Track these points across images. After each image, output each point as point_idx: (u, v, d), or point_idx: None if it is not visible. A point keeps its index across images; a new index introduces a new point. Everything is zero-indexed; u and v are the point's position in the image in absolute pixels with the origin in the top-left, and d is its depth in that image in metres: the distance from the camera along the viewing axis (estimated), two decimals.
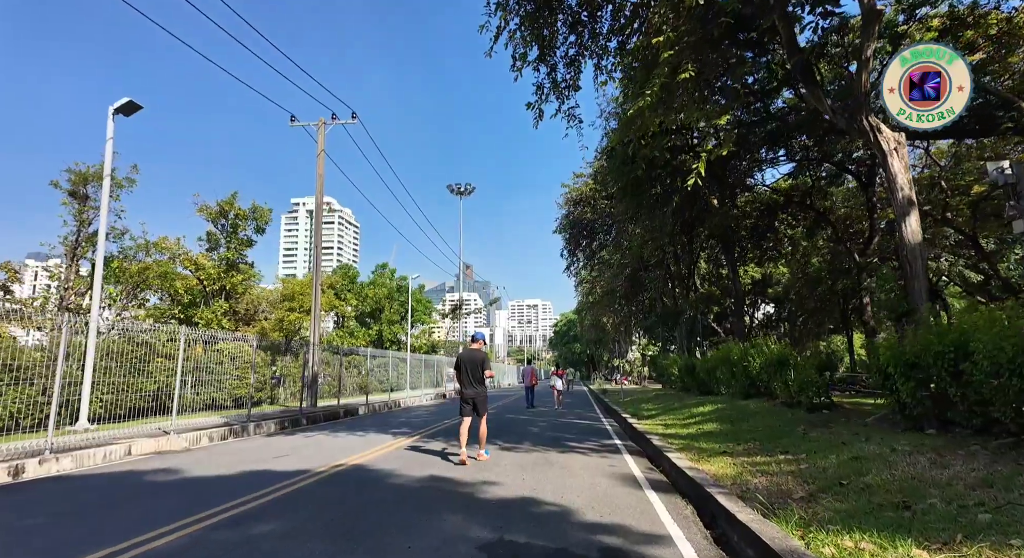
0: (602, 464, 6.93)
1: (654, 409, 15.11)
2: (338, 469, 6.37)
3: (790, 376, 10.24)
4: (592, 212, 23.92)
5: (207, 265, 17.91)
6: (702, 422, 10.56)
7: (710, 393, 16.67)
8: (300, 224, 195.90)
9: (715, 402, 12.82)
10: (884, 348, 6.46)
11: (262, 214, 19.30)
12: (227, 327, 18.42)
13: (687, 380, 18.10)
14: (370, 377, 25.18)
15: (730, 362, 12.71)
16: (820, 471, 5.57)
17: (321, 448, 8.39)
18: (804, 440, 7.48)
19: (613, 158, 16.01)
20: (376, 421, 13.51)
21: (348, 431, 11.00)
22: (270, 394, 19.22)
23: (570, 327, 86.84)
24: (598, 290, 34.35)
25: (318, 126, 18.32)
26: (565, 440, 9.44)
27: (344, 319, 31.28)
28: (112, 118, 11.65)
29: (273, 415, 13.15)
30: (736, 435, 8.57)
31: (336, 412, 15.38)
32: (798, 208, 22.95)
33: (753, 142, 18.55)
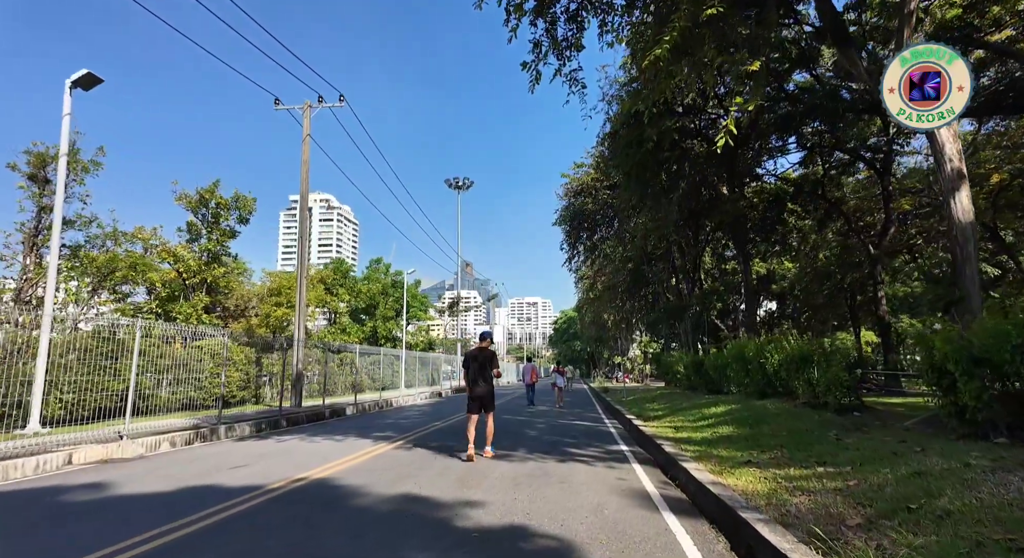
0: (608, 477, 5.95)
1: (660, 409, 14.14)
2: (296, 485, 5.39)
3: (813, 374, 9.26)
4: (593, 203, 22.90)
5: (187, 257, 16.90)
6: (716, 425, 9.58)
7: (719, 392, 15.70)
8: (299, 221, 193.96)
9: (727, 402, 11.84)
10: (942, 341, 5.47)
11: (245, 204, 18.27)
12: (207, 322, 17.44)
13: (694, 378, 17.13)
14: (361, 375, 24.22)
15: (744, 359, 11.74)
16: (875, 490, 4.59)
17: (289, 456, 7.42)
18: (840, 448, 6.50)
19: (617, 142, 15.01)
20: (362, 423, 12.54)
21: (327, 435, 10.02)
22: (255, 393, 18.25)
23: (570, 324, 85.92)
24: (599, 286, 33.37)
25: (303, 109, 17.30)
26: (565, 445, 8.46)
27: (336, 315, 30.27)
28: (69, 92, 10.63)
29: (249, 417, 12.18)
30: (758, 441, 7.59)
31: (321, 413, 14.41)
32: (809, 198, 21.96)
33: (763, 128, 17.56)
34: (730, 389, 14.65)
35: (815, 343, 9.57)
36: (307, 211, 16.66)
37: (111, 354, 12.36)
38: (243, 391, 17.91)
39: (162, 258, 16.59)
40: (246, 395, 17.90)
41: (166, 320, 16.66)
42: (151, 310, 16.72)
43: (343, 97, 17.52)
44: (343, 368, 24.98)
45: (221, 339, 17.02)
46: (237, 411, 14.28)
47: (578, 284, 46.62)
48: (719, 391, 15.72)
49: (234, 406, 16.98)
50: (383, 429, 10.80)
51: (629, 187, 14.54)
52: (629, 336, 42.84)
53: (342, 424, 12.40)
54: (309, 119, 17.24)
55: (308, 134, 17.11)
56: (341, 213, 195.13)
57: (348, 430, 10.78)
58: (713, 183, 15.88)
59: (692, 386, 18.41)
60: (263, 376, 19.81)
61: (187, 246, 17.39)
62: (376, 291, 30.85)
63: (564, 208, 24.44)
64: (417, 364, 29.71)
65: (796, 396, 10.40)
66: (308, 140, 17.08)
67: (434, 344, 43.54)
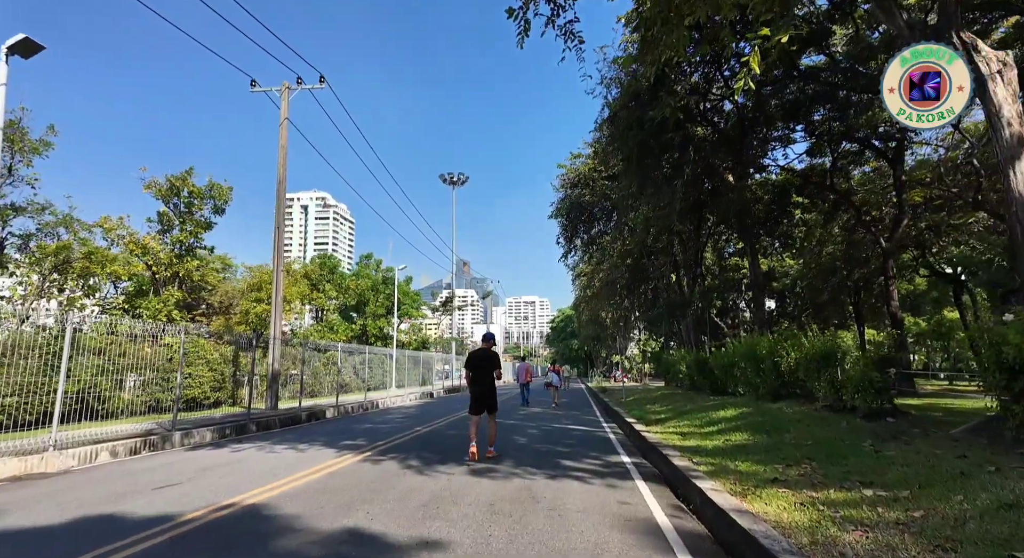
0: (608, 500, 4.90)
1: (663, 412, 13.13)
2: (217, 515, 4.32)
3: (837, 374, 8.24)
4: (591, 194, 21.83)
5: (156, 248, 15.78)
6: (728, 431, 8.55)
7: (724, 393, 14.70)
8: (295, 219, 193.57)
9: (737, 404, 10.82)
10: (1017, 333, 4.44)
11: (220, 192, 17.13)
12: (178, 319, 16.32)
13: (697, 378, 16.12)
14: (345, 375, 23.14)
15: (755, 357, 10.72)
16: (952, 526, 3.56)
17: (233, 471, 6.35)
18: (882, 462, 5.48)
19: (616, 124, 13.96)
20: (338, 427, 11.46)
21: (292, 442, 8.96)
22: (231, 394, 17.15)
23: (567, 323, 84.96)
24: (596, 283, 32.37)
25: (281, 91, 16.19)
26: (558, 456, 7.42)
27: (323, 313, 29.12)
28: (5, 60, 9.50)
29: (214, 421, 11.10)
30: (780, 451, 6.57)
31: (297, 416, 13.33)
32: (816, 190, 20.97)
33: (771, 112, 16.54)
34: (737, 390, 13.65)
35: (838, 338, 8.55)
36: (283, 198, 15.56)
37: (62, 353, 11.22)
38: (217, 392, 16.81)
39: (129, 250, 15.46)
40: (221, 396, 16.80)
41: (133, 317, 15.54)
42: (118, 306, 15.60)
43: (323, 78, 16.43)
44: (329, 368, 23.90)
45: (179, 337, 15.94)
46: (205, 415, 13.19)
47: (575, 282, 45.62)
48: (724, 392, 14.72)
49: (207, 408, 15.88)
50: (357, 435, 9.73)
51: (629, 173, 13.50)
52: (627, 334, 41.84)
53: (316, 429, 11.33)
54: (287, 102, 16.13)
55: (286, 117, 16.02)
56: (337, 211, 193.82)
57: (318, 436, 9.70)
58: (719, 170, 14.84)
59: (695, 386, 17.41)
60: (242, 376, 18.73)
61: (157, 237, 16.26)
62: (365, 287, 29.68)
63: (561, 200, 23.38)
64: (408, 363, 28.63)
65: (815, 398, 9.38)
66: (286, 124, 15.98)
67: (428, 343, 42.49)
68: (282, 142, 15.89)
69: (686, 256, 21.50)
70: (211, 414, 13.60)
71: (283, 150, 15.88)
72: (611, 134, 14.85)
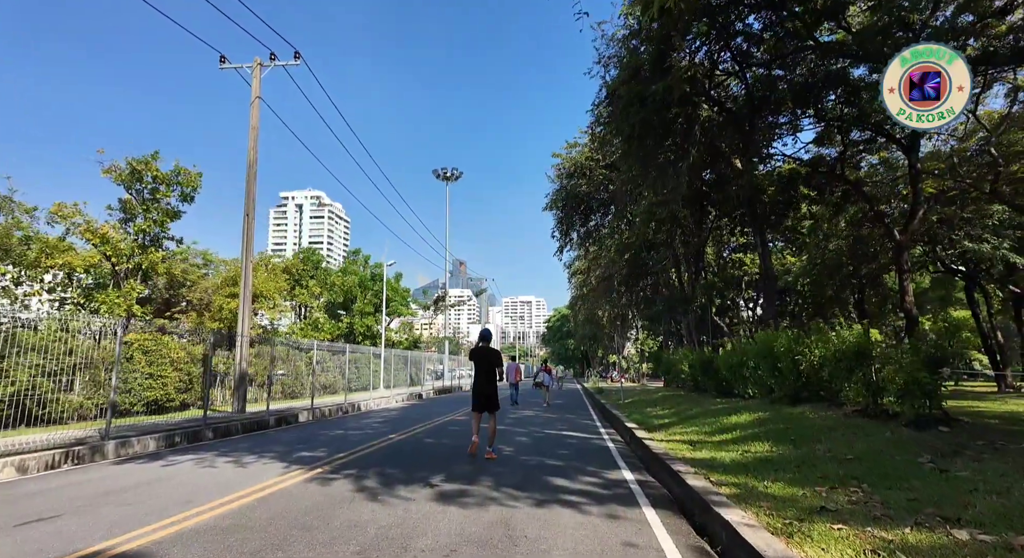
0: (610, 541, 3.72)
1: (666, 416, 11.97)
2: None
3: (872, 374, 7.09)
4: (588, 184, 20.65)
5: (116, 238, 14.49)
6: (745, 439, 7.39)
7: (731, 395, 13.56)
8: (289, 218, 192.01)
9: (750, 408, 9.66)
10: None
11: (189, 179, 15.82)
12: (139, 314, 15.03)
13: (702, 379, 14.98)
14: (331, 375, 21.88)
15: (771, 355, 9.56)
16: None
17: (143, 496, 5.13)
18: (957, 487, 4.32)
19: (616, 103, 12.79)
20: (302, 435, 10.23)
21: (240, 454, 7.74)
22: (201, 396, 15.88)
23: (563, 322, 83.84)
24: (593, 280, 31.22)
25: (253, 68, 14.95)
26: (548, 471, 6.23)
27: (307, 310, 27.77)
28: None
29: (161, 428, 9.85)
30: (815, 467, 5.41)
31: (264, 421, 12.09)
32: (825, 180, 19.87)
33: (781, 94, 15.42)
34: (746, 391, 12.51)
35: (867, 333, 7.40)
36: (253, 183, 14.30)
37: None
38: (184, 394, 15.53)
39: (86, 239, 14.18)
40: (187, 399, 15.53)
41: (91, 312, 14.25)
42: (73, 300, 14.32)
43: (299, 54, 15.19)
44: (311, 368, 22.61)
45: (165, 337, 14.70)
46: (156, 420, 11.94)
47: (571, 280, 44.50)
48: (731, 394, 13.58)
49: (172, 412, 14.62)
50: (320, 444, 8.50)
51: (630, 156, 12.34)
52: (625, 333, 40.71)
53: (279, 436, 10.09)
54: (259, 79, 14.89)
55: (258, 96, 14.77)
56: (332, 210, 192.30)
57: (274, 446, 8.47)
58: (725, 155, 13.70)
59: (699, 387, 16.27)
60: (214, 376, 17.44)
61: (118, 226, 14.96)
62: (352, 284, 28.35)
63: (556, 191, 22.17)
64: (398, 363, 27.42)
65: (840, 402, 8.24)
66: (258, 103, 14.74)
67: (420, 342, 41.28)
68: (253, 122, 14.64)
69: (687, 250, 20.34)
70: (167, 418, 12.34)
71: (254, 131, 14.63)
72: (610, 114, 13.67)
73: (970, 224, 22.02)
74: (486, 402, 7.11)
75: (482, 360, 7.27)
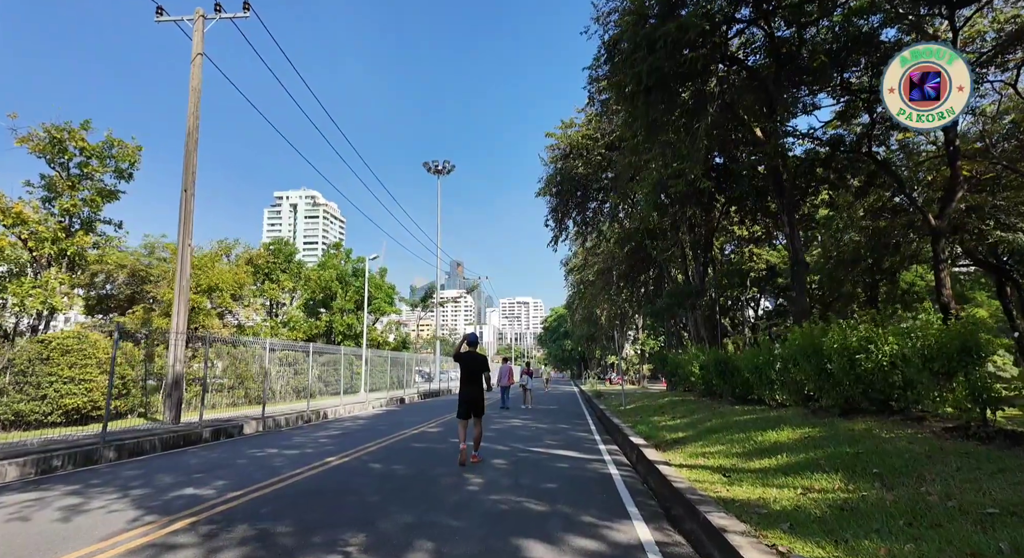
0: None
1: (679, 427, 9.91)
2: None
3: (984, 379, 5.04)
4: (585, 166, 18.58)
5: (33, 219, 12.36)
6: (798, 468, 5.31)
7: (752, 401, 11.54)
8: (283, 218, 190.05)
9: (789, 421, 7.60)
10: None
11: (125, 153, 13.67)
12: (60, 308, 12.91)
13: (717, 382, 12.94)
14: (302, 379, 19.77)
15: (818, 353, 7.50)
16: None
17: None
18: None
19: (620, 51, 10.77)
20: (215, 459, 8.09)
21: (97, 490, 5.64)
22: (142, 402, 13.75)
23: (560, 323, 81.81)
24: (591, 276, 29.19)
25: (194, 20, 12.85)
26: (524, 527, 4.16)
27: (276, 306, 25.53)
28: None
29: (32, 449, 7.71)
30: (938, 527, 3.35)
31: (195, 434, 9.97)
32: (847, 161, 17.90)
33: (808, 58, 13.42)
34: (774, 397, 10.48)
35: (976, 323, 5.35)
36: (194, 153, 12.17)
37: None
38: (119, 400, 13.37)
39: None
40: (120, 406, 13.36)
41: None
42: None
43: (248, 6, 13.09)
44: (284, 370, 20.47)
45: (95, 335, 12.61)
46: (59, 434, 9.78)
47: (568, 277, 42.46)
48: (752, 400, 11.56)
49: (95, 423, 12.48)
50: (223, 476, 6.37)
51: (636, 116, 10.26)
52: (624, 332, 38.65)
53: (186, 460, 7.95)
54: (202, 33, 12.79)
55: (201, 53, 12.67)
56: (327, 210, 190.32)
57: (161, 477, 6.35)
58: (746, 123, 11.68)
59: (711, 391, 14.23)
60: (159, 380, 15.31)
61: (37, 206, 12.83)
62: (330, 279, 26.12)
63: (549, 175, 20.09)
64: (381, 364, 25.30)
65: (920, 416, 6.19)
66: (201, 61, 12.64)
67: (408, 343, 39.15)
68: (194, 83, 12.53)
69: (695, 236, 18.26)
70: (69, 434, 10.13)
71: (195, 93, 12.52)
72: (612, 69, 11.60)
73: (1003, 212, 20.10)
74: (472, 407, 7.06)
75: (468, 365, 7.23)
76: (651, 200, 13.52)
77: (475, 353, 7.40)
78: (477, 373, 7.21)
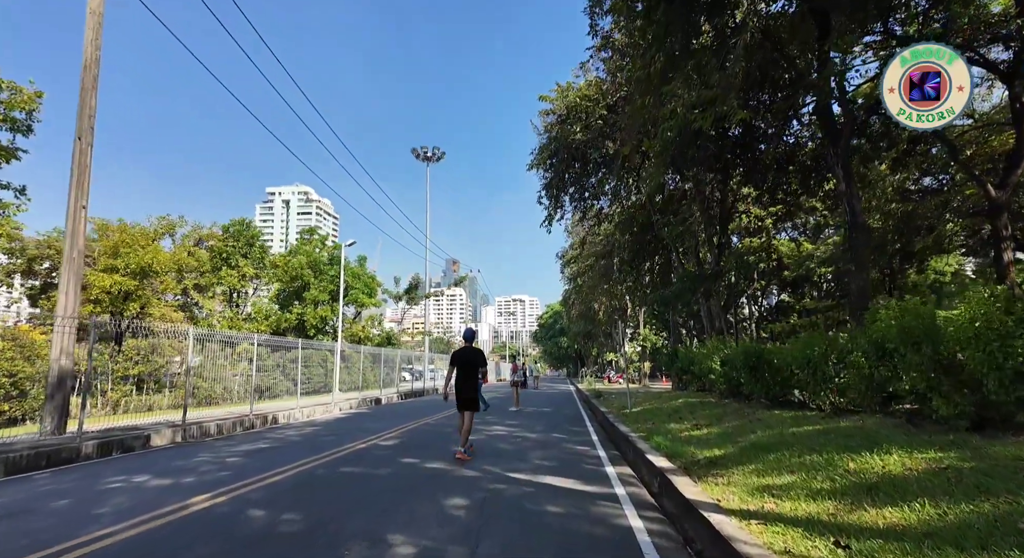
0: None
1: (710, 439, 7.43)
2: None
3: None
4: (584, 131, 16.09)
5: None
6: (968, 530, 2.84)
7: (794, 405, 9.14)
8: (276, 214, 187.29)
9: (891, 439, 5.17)
10: None
11: (20, 99, 11.11)
12: None
13: (746, 380, 10.50)
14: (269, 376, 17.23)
15: (934, 338, 5.07)
16: None
17: None
18: None
19: None
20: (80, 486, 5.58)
21: None
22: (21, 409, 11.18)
23: (556, 319, 79.42)
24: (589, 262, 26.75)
25: None
26: None
27: (237, 295, 22.87)
28: None
29: None
30: None
31: (72, 450, 7.45)
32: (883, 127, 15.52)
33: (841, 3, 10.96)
34: (828, 400, 8.05)
35: None
36: (91, 92, 9.61)
37: None
38: (7, 403, 10.82)
39: None
40: (12, 410, 10.81)
41: None
42: None
43: None
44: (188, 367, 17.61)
45: None
46: None
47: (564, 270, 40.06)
48: (794, 403, 9.16)
49: None
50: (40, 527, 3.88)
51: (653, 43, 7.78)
52: (624, 326, 36.22)
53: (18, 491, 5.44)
54: None
55: None
56: (320, 206, 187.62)
57: None
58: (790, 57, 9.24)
59: (736, 392, 11.81)
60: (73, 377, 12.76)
61: None
62: (300, 266, 23.44)
63: (543, 145, 17.59)
64: (357, 361, 22.81)
65: None
66: None
67: (393, 338, 36.61)
68: (92, 4, 9.96)
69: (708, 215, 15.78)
70: None
71: (93, 16, 9.94)
72: None
73: None
74: (468, 403, 7.30)
75: (465, 361, 7.38)
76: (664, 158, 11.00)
77: (472, 349, 7.59)
78: (474, 369, 7.37)
